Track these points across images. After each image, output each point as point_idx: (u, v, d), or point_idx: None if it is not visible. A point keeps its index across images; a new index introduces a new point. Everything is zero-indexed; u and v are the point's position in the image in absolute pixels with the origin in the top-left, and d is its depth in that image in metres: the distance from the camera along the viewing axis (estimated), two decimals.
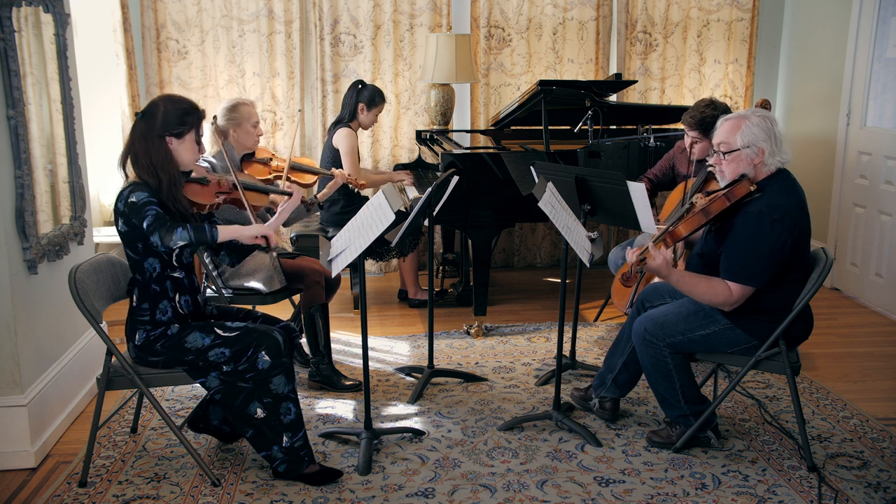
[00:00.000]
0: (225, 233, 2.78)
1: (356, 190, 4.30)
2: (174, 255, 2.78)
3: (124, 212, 2.70)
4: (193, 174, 2.93)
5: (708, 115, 3.67)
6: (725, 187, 2.83)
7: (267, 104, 5.40)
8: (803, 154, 5.51)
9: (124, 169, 2.80)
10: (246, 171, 3.78)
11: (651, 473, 2.95)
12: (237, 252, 3.09)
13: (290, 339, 2.93)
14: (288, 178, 3.90)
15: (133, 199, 2.67)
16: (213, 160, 3.62)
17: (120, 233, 2.75)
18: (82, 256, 3.47)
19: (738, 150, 2.81)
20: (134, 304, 2.80)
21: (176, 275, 2.81)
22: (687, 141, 3.82)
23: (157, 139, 2.73)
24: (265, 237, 2.87)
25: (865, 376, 3.89)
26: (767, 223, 2.73)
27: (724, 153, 2.84)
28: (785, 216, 2.74)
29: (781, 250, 2.75)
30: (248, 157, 3.83)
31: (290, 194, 3.21)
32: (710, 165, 3.00)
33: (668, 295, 3.21)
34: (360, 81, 4.67)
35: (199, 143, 2.84)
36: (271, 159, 3.92)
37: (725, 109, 3.73)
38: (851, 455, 3.09)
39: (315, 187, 4.31)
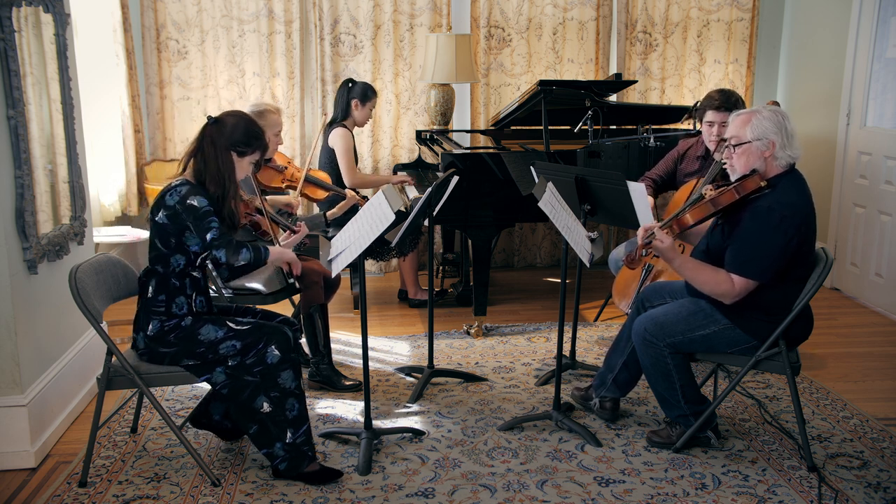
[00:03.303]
0: (273, 254, 2.96)
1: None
2: (200, 257, 2.81)
3: (175, 208, 2.71)
4: None
5: (732, 96, 3.69)
6: (736, 180, 2.83)
7: None
8: (803, 154, 5.49)
9: (186, 166, 2.83)
10: (258, 177, 3.78)
11: (651, 473, 2.95)
12: (235, 270, 3.12)
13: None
14: (302, 194, 3.91)
15: (194, 203, 2.70)
16: None
17: (156, 223, 2.76)
18: (82, 256, 3.47)
19: (749, 142, 2.81)
20: (150, 295, 2.80)
21: (195, 274, 2.84)
22: (710, 132, 3.72)
23: (224, 150, 2.79)
24: (290, 264, 3.06)
25: (865, 376, 3.89)
26: (777, 219, 2.73)
27: (735, 146, 2.85)
28: (795, 214, 2.75)
29: (788, 247, 2.75)
30: (264, 162, 3.83)
31: (296, 232, 3.22)
32: (724, 161, 3.00)
33: (668, 295, 3.21)
34: (350, 80, 4.69)
35: (257, 165, 2.93)
36: (286, 168, 3.91)
37: (739, 95, 3.76)
38: (851, 455, 3.09)
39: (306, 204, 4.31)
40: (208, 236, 2.71)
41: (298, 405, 2.83)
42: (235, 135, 2.80)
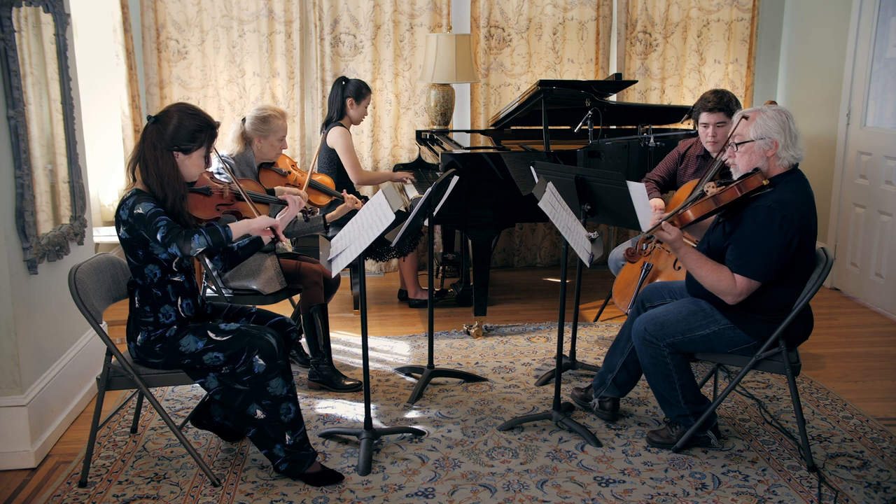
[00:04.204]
0: (237, 230, 2.75)
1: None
2: (175, 261, 2.78)
3: (128, 221, 2.67)
4: (196, 184, 2.91)
5: (725, 96, 3.68)
6: (738, 178, 2.84)
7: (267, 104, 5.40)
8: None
9: (133, 174, 2.77)
10: (261, 181, 3.77)
11: (651, 473, 2.95)
12: (231, 258, 3.08)
13: (286, 335, 2.96)
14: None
15: (140, 211, 2.63)
16: (232, 161, 3.62)
17: (121, 239, 2.73)
18: (82, 256, 3.47)
19: (752, 141, 2.81)
20: (136, 306, 2.80)
21: (176, 279, 2.80)
22: (706, 133, 3.73)
23: (164, 151, 2.69)
24: (272, 229, 2.84)
25: (865, 376, 3.89)
26: (778, 219, 2.73)
27: (738, 144, 2.85)
28: (795, 214, 2.75)
29: (788, 247, 2.75)
30: (267, 166, 3.82)
31: (286, 204, 3.14)
32: (726, 158, 3.00)
33: (668, 295, 3.21)
34: (343, 78, 4.69)
35: (206, 157, 2.81)
36: (289, 172, 3.90)
37: (733, 95, 3.76)
38: (851, 455, 3.09)
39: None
40: (158, 236, 2.61)
41: (294, 407, 2.82)
42: (179, 134, 2.69)
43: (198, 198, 2.92)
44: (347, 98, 4.64)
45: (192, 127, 2.71)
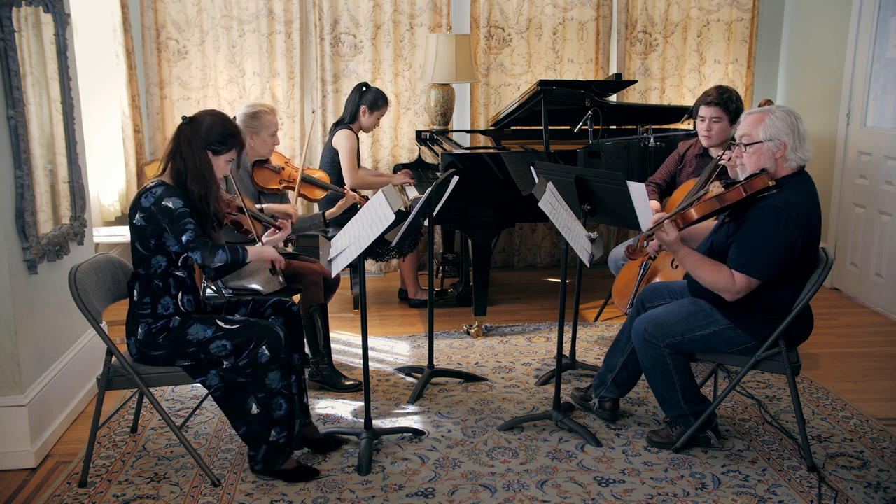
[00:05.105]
0: (252, 254, 2.91)
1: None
2: (182, 257, 2.81)
3: (150, 209, 2.71)
4: None
5: (726, 93, 3.69)
6: (744, 179, 2.83)
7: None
8: None
9: (166, 168, 2.82)
10: (255, 178, 3.77)
11: (651, 473, 2.95)
12: (219, 270, 3.10)
13: (287, 312, 3.01)
14: (300, 194, 3.89)
15: (169, 205, 2.69)
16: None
17: (134, 226, 2.76)
18: (82, 256, 3.46)
19: (761, 142, 2.81)
20: (135, 298, 2.81)
21: (179, 273, 2.82)
22: (702, 127, 3.75)
23: (200, 149, 2.78)
24: (273, 262, 3.02)
25: (865, 376, 3.89)
26: (784, 219, 2.73)
27: (746, 145, 2.85)
28: (801, 215, 2.75)
29: (792, 248, 2.75)
30: (260, 163, 3.82)
31: (280, 228, 3.15)
32: (722, 160, 2.99)
33: (667, 295, 3.21)
34: (365, 84, 4.69)
35: (235, 163, 2.93)
36: (283, 168, 3.90)
37: (737, 94, 3.76)
38: (851, 455, 3.09)
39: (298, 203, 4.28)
40: (184, 238, 2.70)
41: (287, 406, 2.83)
42: (211, 134, 2.79)
43: None
44: (362, 105, 4.65)
45: (224, 130, 2.82)
